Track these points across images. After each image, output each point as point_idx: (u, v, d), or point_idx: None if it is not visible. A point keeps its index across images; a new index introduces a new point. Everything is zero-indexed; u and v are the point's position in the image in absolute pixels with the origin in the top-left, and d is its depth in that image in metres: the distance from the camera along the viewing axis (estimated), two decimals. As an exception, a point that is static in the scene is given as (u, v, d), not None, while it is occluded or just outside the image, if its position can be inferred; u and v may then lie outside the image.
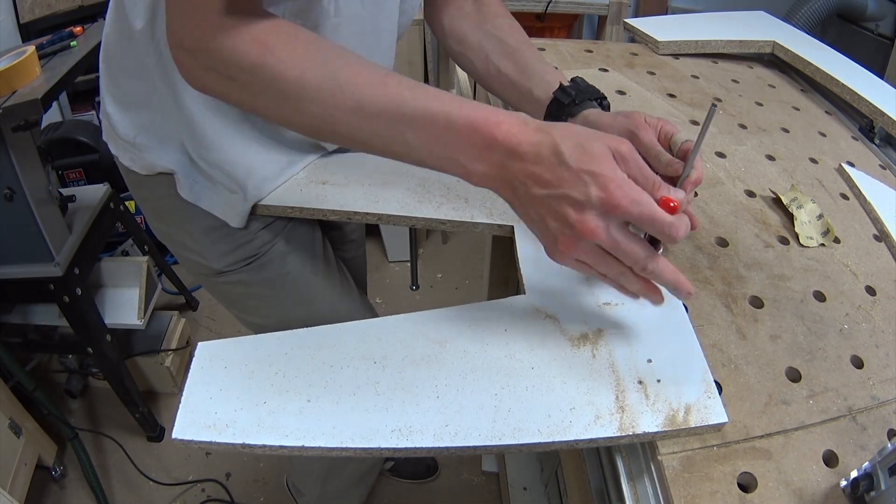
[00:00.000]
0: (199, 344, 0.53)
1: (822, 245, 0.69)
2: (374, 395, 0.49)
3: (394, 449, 0.46)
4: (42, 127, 1.69)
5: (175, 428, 0.47)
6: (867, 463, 0.44)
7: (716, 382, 0.52)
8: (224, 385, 0.50)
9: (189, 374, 0.51)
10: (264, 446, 0.47)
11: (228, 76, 0.47)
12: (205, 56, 0.46)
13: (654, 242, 0.48)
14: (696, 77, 1.01)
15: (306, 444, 0.46)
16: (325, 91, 0.46)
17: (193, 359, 0.52)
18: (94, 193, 1.42)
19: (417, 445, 0.46)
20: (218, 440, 0.47)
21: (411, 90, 0.46)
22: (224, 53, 0.45)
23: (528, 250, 0.63)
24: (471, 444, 0.46)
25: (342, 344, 0.53)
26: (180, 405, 0.49)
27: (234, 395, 0.49)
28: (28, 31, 1.72)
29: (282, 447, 0.47)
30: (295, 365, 0.52)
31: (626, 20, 1.18)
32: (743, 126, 0.88)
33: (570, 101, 0.65)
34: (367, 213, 0.68)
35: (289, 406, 0.49)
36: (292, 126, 0.51)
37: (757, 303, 0.61)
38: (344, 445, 0.46)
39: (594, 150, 0.43)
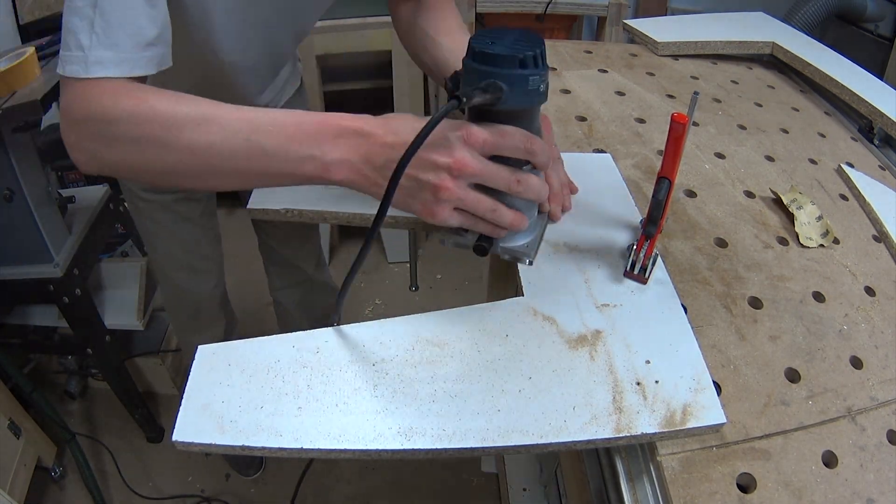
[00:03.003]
0: (199, 347, 0.53)
1: (822, 246, 0.69)
2: (373, 398, 0.49)
3: (393, 451, 0.46)
4: (42, 128, 1.69)
5: (175, 430, 0.47)
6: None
7: (715, 383, 0.52)
8: (223, 387, 0.50)
9: (189, 377, 0.51)
10: (264, 448, 0.47)
11: (111, 136, 0.52)
12: (90, 123, 0.52)
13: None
14: (696, 78, 1.01)
15: (305, 446, 0.46)
16: (193, 119, 0.51)
17: (193, 361, 0.52)
18: (93, 194, 1.42)
19: (417, 447, 0.46)
20: (218, 442, 0.47)
21: (261, 111, 0.53)
22: (104, 111, 0.52)
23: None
24: (470, 446, 0.46)
25: (341, 346, 0.53)
26: (180, 408, 0.49)
27: (233, 398, 0.49)
28: (28, 33, 1.71)
29: (281, 449, 0.47)
30: (294, 367, 0.52)
31: (625, 21, 1.18)
32: (742, 127, 0.88)
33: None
34: (366, 215, 0.68)
35: (288, 408, 0.49)
36: (172, 172, 0.54)
37: (756, 303, 0.61)
38: (343, 447, 0.46)
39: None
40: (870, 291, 0.64)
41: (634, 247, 0.59)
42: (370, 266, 2.11)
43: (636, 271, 0.59)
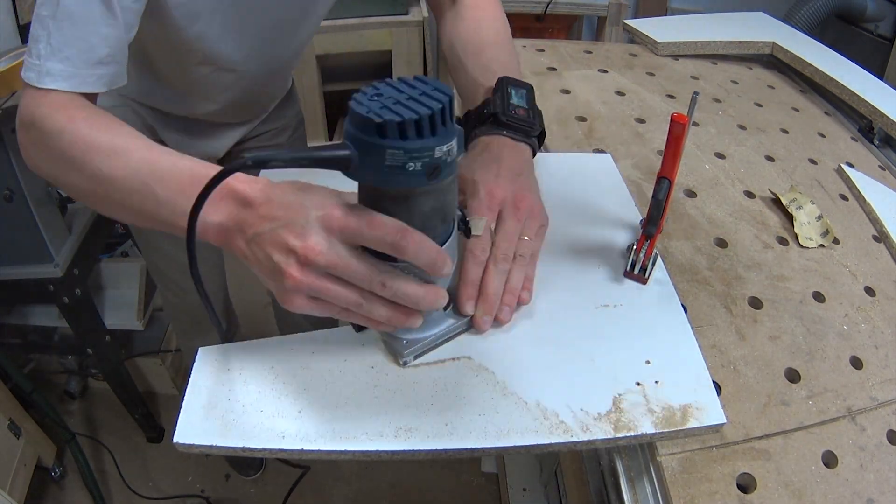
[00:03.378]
0: (200, 349, 0.53)
1: (822, 246, 0.69)
2: (373, 398, 0.49)
3: (392, 451, 0.46)
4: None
5: (176, 433, 0.47)
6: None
7: (715, 383, 0.52)
8: (224, 389, 0.50)
9: (189, 380, 0.51)
10: (264, 449, 0.47)
11: (44, 146, 0.54)
12: (32, 129, 0.54)
13: None
14: (696, 78, 1.01)
15: (305, 448, 0.46)
16: (106, 150, 0.51)
17: (194, 364, 0.52)
18: (93, 194, 1.41)
19: (416, 448, 0.46)
20: (219, 444, 0.47)
21: (169, 154, 0.51)
22: (42, 121, 0.53)
23: None
24: (469, 446, 0.46)
25: (341, 348, 0.53)
26: (181, 410, 0.49)
27: (234, 400, 0.49)
28: (28, 33, 1.71)
29: (281, 450, 0.47)
30: (293, 369, 0.52)
31: (625, 21, 1.18)
32: (742, 127, 0.88)
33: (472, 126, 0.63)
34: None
35: (288, 409, 0.49)
36: (82, 192, 0.55)
37: (756, 304, 0.61)
38: (343, 448, 0.46)
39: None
40: (870, 291, 0.64)
41: (634, 247, 0.59)
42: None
43: (636, 271, 0.59)
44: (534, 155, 0.63)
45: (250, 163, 0.41)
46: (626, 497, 0.50)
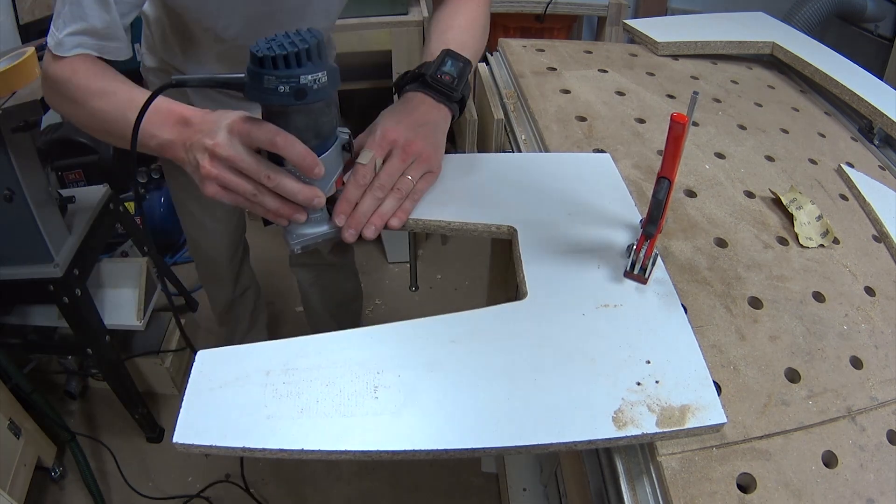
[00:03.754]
0: (199, 352, 0.53)
1: (822, 246, 0.69)
2: (373, 400, 0.49)
3: (393, 451, 0.46)
4: (42, 128, 1.69)
5: (176, 433, 0.47)
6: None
7: (715, 383, 0.52)
8: (224, 391, 0.50)
9: (189, 381, 0.51)
10: (264, 450, 0.47)
11: (57, 91, 0.71)
12: (48, 79, 0.72)
13: None
14: (696, 78, 1.01)
15: (305, 448, 0.46)
16: (98, 92, 0.68)
17: (193, 366, 0.52)
18: (93, 194, 1.42)
19: (417, 448, 0.46)
20: (218, 444, 0.47)
21: (145, 93, 0.66)
22: (55, 75, 0.70)
23: (531, 252, 0.63)
24: (470, 447, 0.47)
25: (341, 350, 0.54)
26: (181, 410, 0.49)
27: (233, 401, 0.49)
28: (28, 32, 1.71)
29: (281, 450, 0.47)
30: (293, 371, 0.52)
31: (625, 21, 1.18)
32: (742, 127, 0.88)
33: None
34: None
35: (288, 411, 0.49)
36: (86, 125, 0.72)
37: (756, 304, 0.61)
38: (342, 448, 0.46)
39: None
40: (870, 291, 0.64)
41: (634, 247, 0.59)
42: (370, 266, 2.11)
43: (636, 271, 0.59)
44: (453, 119, 0.73)
45: (174, 82, 0.56)
46: (626, 497, 0.50)
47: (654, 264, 0.60)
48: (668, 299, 0.58)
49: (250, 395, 0.50)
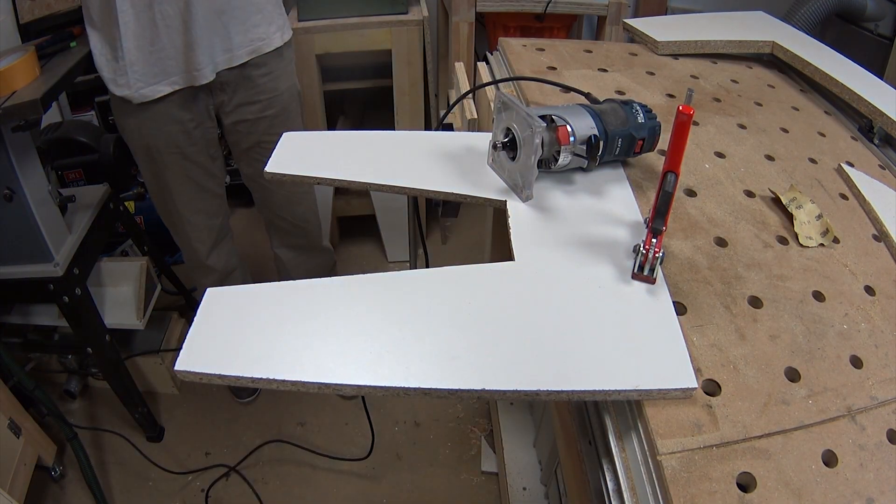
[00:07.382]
0: (208, 290, 0.55)
1: (822, 245, 0.69)
2: (374, 340, 0.52)
3: (386, 388, 0.48)
4: (42, 127, 1.69)
5: (178, 360, 0.49)
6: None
7: (715, 383, 0.52)
8: (229, 325, 0.52)
9: (196, 315, 0.53)
10: (264, 379, 0.48)
11: None
12: None
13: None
14: (696, 77, 1.01)
15: (304, 379, 0.48)
16: None
17: (201, 302, 0.54)
18: (93, 193, 1.42)
19: (412, 385, 0.49)
20: (221, 373, 0.48)
21: None
22: None
23: (523, 232, 0.65)
24: (467, 388, 0.49)
25: (346, 293, 0.56)
26: (186, 340, 0.51)
27: (237, 334, 0.51)
28: (28, 32, 1.71)
29: (284, 380, 0.48)
30: (298, 309, 0.54)
31: (625, 20, 1.18)
32: (742, 126, 0.88)
33: None
34: (364, 182, 0.71)
35: (290, 344, 0.51)
36: None
37: (756, 303, 0.61)
38: (338, 382, 0.48)
39: None
40: (870, 291, 0.64)
41: (642, 247, 0.59)
42: (370, 266, 2.11)
43: (645, 272, 0.59)
44: None
45: None
46: (626, 497, 0.50)
47: (661, 263, 0.59)
48: (658, 293, 0.59)
49: (254, 329, 0.52)
